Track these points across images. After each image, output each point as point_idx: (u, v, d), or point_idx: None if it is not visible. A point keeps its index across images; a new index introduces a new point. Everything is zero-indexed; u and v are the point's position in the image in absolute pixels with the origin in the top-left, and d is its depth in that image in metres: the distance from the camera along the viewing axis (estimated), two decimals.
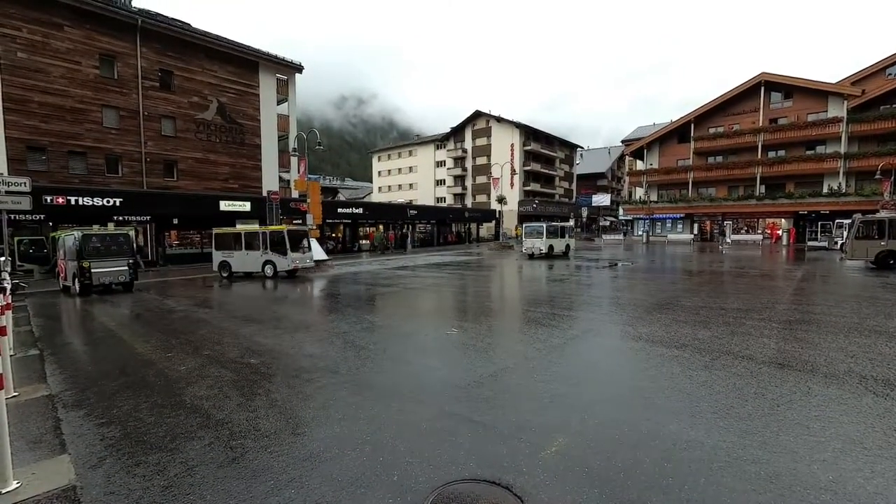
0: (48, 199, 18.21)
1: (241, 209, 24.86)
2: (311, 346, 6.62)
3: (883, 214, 19.02)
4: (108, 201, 20.01)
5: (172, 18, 26.02)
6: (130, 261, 13.26)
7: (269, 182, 29.40)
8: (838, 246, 24.07)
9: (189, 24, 26.87)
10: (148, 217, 21.70)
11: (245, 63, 28.38)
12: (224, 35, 27.81)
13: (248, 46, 28.50)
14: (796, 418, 3.88)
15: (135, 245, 17.92)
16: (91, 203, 19.48)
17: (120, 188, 21.77)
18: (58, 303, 11.64)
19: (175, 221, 22.89)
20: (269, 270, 16.14)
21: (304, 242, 16.90)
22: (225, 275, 16.79)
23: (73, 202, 18.96)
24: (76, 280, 12.39)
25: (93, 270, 12.33)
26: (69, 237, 12.97)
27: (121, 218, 20.43)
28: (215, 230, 17.77)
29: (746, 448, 3.36)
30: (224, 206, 24.18)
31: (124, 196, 20.70)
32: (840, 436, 3.54)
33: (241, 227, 18.04)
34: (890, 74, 35.98)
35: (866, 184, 32.30)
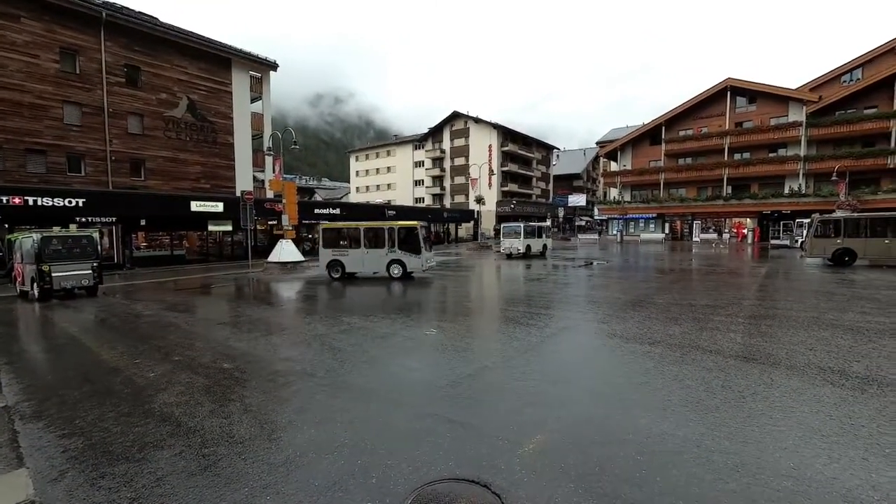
0: (4, 199, 17.23)
1: (213, 210, 24.14)
2: (287, 349, 6.50)
3: (839, 214, 20.10)
4: (69, 202, 19.08)
5: (139, 12, 25.06)
6: (95, 264, 12.70)
7: (243, 182, 28.70)
8: (798, 244, 25.26)
9: (157, 19, 25.93)
10: (113, 218, 20.81)
11: (217, 60, 27.62)
12: (194, 31, 26.97)
13: (220, 43, 27.74)
14: (760, 409, 4.05)
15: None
16: (51, 203, 18.53)
17: (83, 188, 20.80)
18: (14, 309, 11.03)
19: (143, 223, 22.03)
20: (396, 271, 14.51)
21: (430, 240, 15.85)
22: (336, 276, 15.08)
23: (31, 202, 18.00)
24: (35, 285, 11.77)
25: (53, 274, 11.74)
26: (27, 239, 12.31)
27: (84, 219, 19.51)
28: (324, 224, 16.07)
29: (715, 439, 3.49)
30: (195, 206, 23.44)
31: (88, 196, 19.78)
32: (801, 424, 3.72)
33: (359, 223, 16.15)
34: (845, 82, 38.03)
35: (824, 185, 34.07)
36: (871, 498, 2.71)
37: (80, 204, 19.40)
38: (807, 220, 22.82)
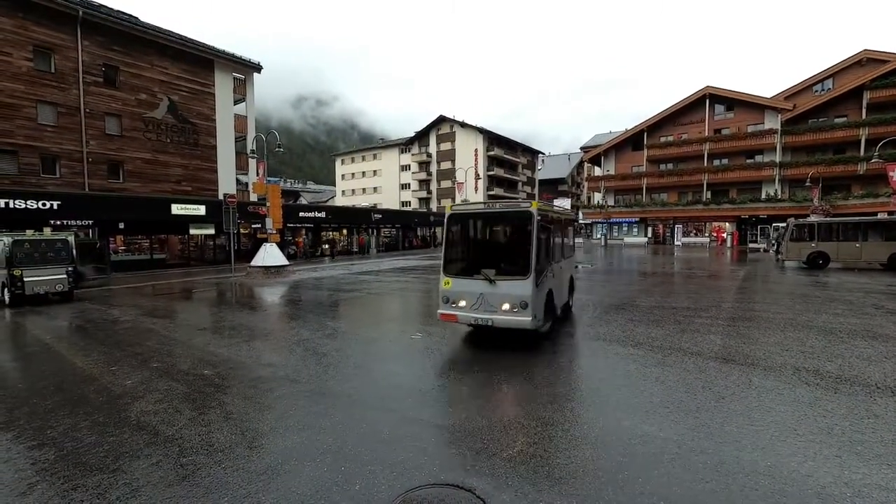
0: None
1: (195, 213, 23.67)
2: (269, 354, 6.39)
3: (813, 219, 20.76)
4: (43, 204, 18.47)
5: (118, 11, 24.50)
6: (70, 268, 12.30)
7: (226, 185, 28.20)
8: (775, 248, 25.90)
9: (137, 18, 25.40)
10: (90, 221, 20.20)
11: (199, 61, 27.15)
12: (176, 31, 26.48)
13: (202, 43, 27.28)
14: (739, 409, 4.14)
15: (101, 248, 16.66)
16: (24, 206, 17.91)
17: (58, 190, 20.16)
18: None
19: (121, 226, 21.45)
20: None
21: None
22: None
23: (2, 205, 17.38)
24: (6, 290, 11.34)
25: (25, 279, 11.34)
26: None
27: (59, 222, 18.91)
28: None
29: (695, 439, 3.55)
30: (176, 209, 22.94)
31: (63, 198, 19.18)
32: (777, 424, 3.81)
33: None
34: (817, 91, 39.41)
35: (798, 190, 35.17)
36: (844, 494, 2.79)
37: (55, 206, 18.80)
38: (782, 225, 23.50)
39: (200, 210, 23.89)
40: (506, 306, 6.01)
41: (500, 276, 6.13)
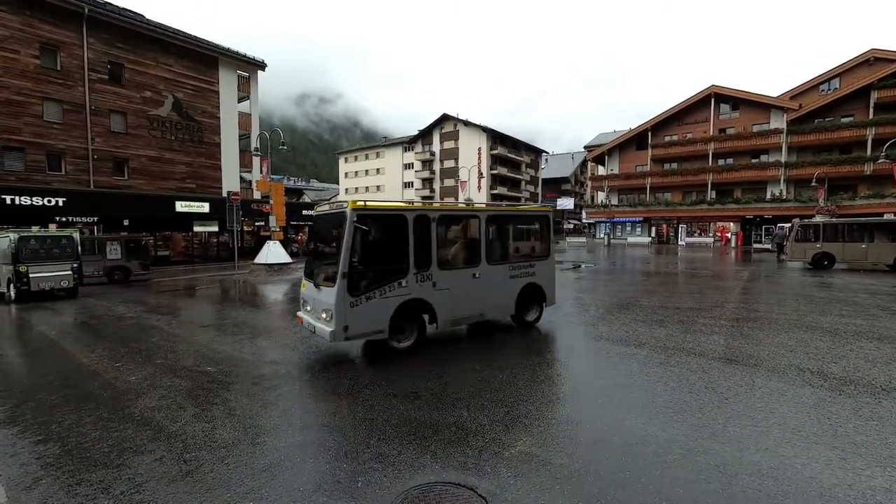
0: None
1: (199, 210, 23.81)
2: (272, 352, 6.42)
3: (818, 219, 20.63)
4: (49, 201, 18.65)
5: (123, 8, 24.60)
6: (75, 265, 12.39)
7: (230, 182, 28.29)
8: (775, 248, 25.62)
9: (142, 16, 25.50)
10: (95, 218, 20.36)
11: (203, 58, 27.22)
12: (180, 28, 26.55)
13: (207, 41, 27.35)
14: (742, 410, 4.12)
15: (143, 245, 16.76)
16: (30, 202, 18.10)
17: (63, 187, 20.30)
18: None
19: (126, 223, 21.58)
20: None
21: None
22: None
23: (8, 201, 17.55)
24: (11, 286, 11.44)
25: (31, 275, 11.43)
26: (3, 239, 11.96)
27: (64, 219, 19.05)
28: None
29: (698, 440, 3.53)
30: (180, 206, 23.10)
31: (68, 195, 19.36)
32: (781, 425, 3.79)
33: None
34: (823, 91, 39.10)
35: (804, 191, 34.90)
36: (848, 496, 2.78)
37: (61, 203, 18.97)
38: (786, 226, 23.35)
39: (204, 207, 24.03)
40: (323, 314, 5.64)
41: (323, 283, 5.83)
